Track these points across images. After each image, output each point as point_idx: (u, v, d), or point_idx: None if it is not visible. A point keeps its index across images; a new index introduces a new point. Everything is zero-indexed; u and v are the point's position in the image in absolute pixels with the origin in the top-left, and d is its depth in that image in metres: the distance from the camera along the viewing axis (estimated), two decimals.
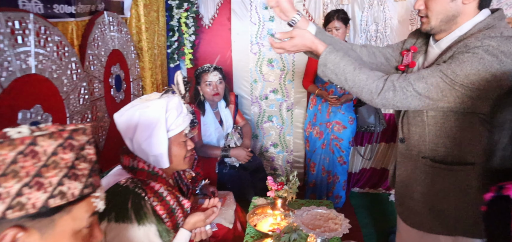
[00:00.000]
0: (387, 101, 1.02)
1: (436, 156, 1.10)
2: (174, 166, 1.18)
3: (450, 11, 1.01)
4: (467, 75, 0.93)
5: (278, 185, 1.79)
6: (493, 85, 0.92)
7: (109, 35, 1.82)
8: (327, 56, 1.07)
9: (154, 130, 1.07)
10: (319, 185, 2.76)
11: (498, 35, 0.93)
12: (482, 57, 0.92)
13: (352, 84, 1.05)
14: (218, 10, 2.91)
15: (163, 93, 1.15)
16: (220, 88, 2.42)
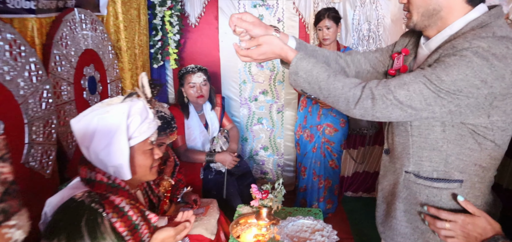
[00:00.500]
0: (365, 111, 0.90)
1: (420, 171, 0.99)
2: (138, 177, 1.07)
3: (430, 5, 0.91)
4: (454, 81, 0.81)
5: (262, 193, 1.68)
6: (484, 93, 0.81)
7: (81, 34, 1.70)
8: (298, 63, 0.96)
9: (113, 138, 0.95)
10: (310, 190, 2.66)
11: (490, 36, 0.81)
12: (471, 60, 0.80)
13: (327, 94, 0.94)
14: (205, 9, 2.79)
15: (126, 97, 1.03)
16: (204, 90, 2.30)
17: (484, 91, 0.81)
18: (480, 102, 0.83)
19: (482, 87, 0.81)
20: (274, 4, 2.78)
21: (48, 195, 1.02)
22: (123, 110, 0.98)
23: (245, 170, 2.45)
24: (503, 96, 0.83)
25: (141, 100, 1.05)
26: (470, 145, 0.91)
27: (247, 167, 2.50)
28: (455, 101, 0.83)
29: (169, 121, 1.67)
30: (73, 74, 1.61)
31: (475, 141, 0.91)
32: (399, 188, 1.05)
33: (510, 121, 0.89)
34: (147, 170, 1.07)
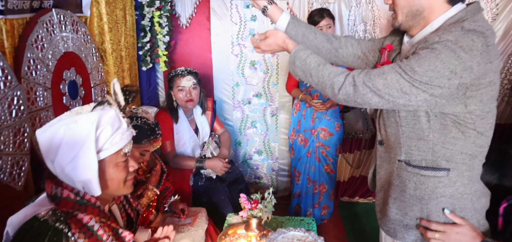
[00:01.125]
0: (348, 96, 0.99)
1: (410, 160, 1.06)
2: (111, 191, 0.98)
3: (414, 6, 0.97)
4: (426, 71, 0.87)
5: (252, 203, 1.60)
6: (455, 83, 0.88)
7: (60, 36, 1.61)
8: (295, 54, 1.09)
9: (80, 150, 0.87)
10: (305, 196, 2.57)
11: (458, 29, 0.87)
12: (440, 52, 0.86)
13: (317, 81, 1.04)
14: (196, 9, 2.71)
15: (96, 105, 0.95)
16: (194, 94, 2.22)
17: (454, 81, 0.87)
18: (453, 92, 0.89)
19: (452, 78, 0.86)
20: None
21: (20, 209, 0.93)
22: (92, 120, 0.89)
23: (237, 176, 2.37)
24: (475, 86, 0.89)
25: (113, 108, 0.96)
26: (454, 134, 0.97)
27: (239, 172, 2.41)
28: (429, 90, 0.89)
29: (153, 128, 1.58)
30: (50, 78, 1.52)
31: (458, 130, 0.96)
32: (393, 176, 1.12)
33: (489, 110, 0.94)
34: (121, 184, 0.98)
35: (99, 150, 0.91)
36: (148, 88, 2.62)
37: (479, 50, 0.85)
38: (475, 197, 1.02)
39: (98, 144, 0.90)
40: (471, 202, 1.02)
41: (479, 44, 0.85)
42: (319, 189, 2.57)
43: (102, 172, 0.93)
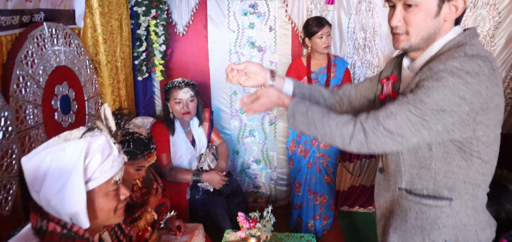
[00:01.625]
0: (360, 145, 0.92)
1: (412, 189, 1.02)
2: (100, 222, 0.93)
3: (431, 29, 0.92)
4: (436, 102, 0.84)
5: (250, 222, 1.55)
6: (465, 109, 0.84)
7: (52, 50, 1.56)
8: (294, 108, 1.02)
9: (67, 182, 0.82)
10: (306, 207, 2.53)
11: (462, 55, 0.85)
12: (447, 80, 0.83)
13: (323, 132, 0.97)
14: (193, 17, 2.66)
15: (86, 132, 0.90)
16: (191, 107, 2.17)
17: (465, 108, 0.84)
18: (464, 118, 0.86)
19: (462, 104, 0.84)
20: (266, 12, 2.66)
21: (5, 237, 0.88)
22: (80, 147, 0.84)
23: (235, 188, 2.32)
24: (484, 110, 0.86)
25: (104, 134, 0.91)
26: (457, 162, 0.93)
27: (237, 185, 2.37)
28: (440, 121, 0.85)
29: (146, 143, 1.53)
30: (41, 95, 1.47)
31: (462, 158, 0.93)
32: (394, 205, 1.08)
33: (494, 136, 0.91)
34: (111, 213, 0.93)
35: (88, 180, 0.86)
36: (144, 98, 2.58)
37: (486, 74, 0.83)
38: (480, 228, 0.98)
39: (87, 174, 0.86)
40: (475, 234, 0.97)
41: (485, 68, 0.83)
42: (320, 200, 2.52)
43: (91, 203, 0.88)
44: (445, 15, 0.90)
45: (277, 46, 2.71)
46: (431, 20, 0.90)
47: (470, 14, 2.45)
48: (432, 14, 0.90)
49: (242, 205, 2.29)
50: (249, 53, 2.74)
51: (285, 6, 2.62)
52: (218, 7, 2.64)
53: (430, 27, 0.91)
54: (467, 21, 2.47)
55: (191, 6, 2.63)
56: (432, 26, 0.91)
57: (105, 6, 1.95)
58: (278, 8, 2.64)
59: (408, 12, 0.91)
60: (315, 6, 2.59)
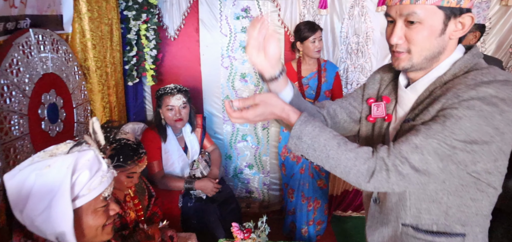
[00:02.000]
0: (380, 184, 0.80)
1: (419, 224, 0.91)
2: (88, 239, 0.90)
3: (436, 48, 0.83)
4: (468, 133, 0.75)
5: (244, 232, 1.52)
6: (496, 139, 0.76)
7: (38, 57, 1.51)
8: (302, 128, 0.84)
9: (52, 200, 0.79)
10: (299, 213, 2.51)
11: (492, 79, 0.77)
12: (481, 109, 0.74)
13: (336, 164, 0.82)
14: (185, 20, 2.63)
15: (73, 146, 0.86)
16: (183, 113, 2.13)
17: (497, 139, 0.76)
18: (493, 149, 0.78)
19: (495, 135, 0.76)
20: (258, 16, 2.63)
21: None
22: (67, 164, 0.81)
23: (228, 195, 2.29)
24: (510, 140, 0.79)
25: (92, 149, 0.88)
26: (472, 195, 0.85)
27: (230, 191, 2.34)
28: (470, 154, 0.77)
29: (135, 148, 1.50)
30: (27, 104, 1.43)
31: (477, 190, 0.85)
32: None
33: (506, 163, 0.84)
34: (99, 231, 0.90)
35: (75, 198, 0.83)
36: (135, 103, 2.53)
37: None
38: None
39: (74, 191, 0.82)
40: None
41: None
42: (313, 205, 2.51)
43: (79, 221, 0.85)
44: (450, 33, 0.82)
45: None
46: (435, 38, 0.82)
47: None
48: (437, 32, 0.81)
49: (235, 212, 2.26)
50: (241, 57, 2.72)
51: (277, 10, 2.61)
52: (210, 11, 2.61)
53: (435, 46, 0.83)
54: None
55: (182, 10, 2.59)
56: (436, 45, 0.83)
57: (95, 11, 1.90)
58: (271, 12, 2.62)
59: (410, 29, 0.82)
60: (308, 11, 2.58)
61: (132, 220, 1.59)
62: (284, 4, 2.58)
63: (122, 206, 1.55)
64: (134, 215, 1.62)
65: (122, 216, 1.53)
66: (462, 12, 0.81)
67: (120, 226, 1.52)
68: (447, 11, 0.80)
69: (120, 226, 1.52)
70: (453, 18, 0.81)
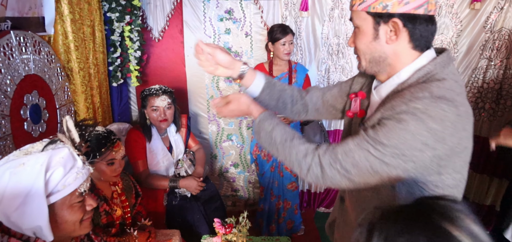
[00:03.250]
0: (317, 179, 0.86)
1: None
2: (66, 234, 0.94)
3: (375, 52, 0.87)
4: (396, 145, 0.76)
5: (226, 227, 1.58)
6: (428, 155, 0.76)
7: (20, 59, 1.54)
8: (260, 124, 0.98)
9: (26, 197, 0.83)
10: (267, 210, 2.57)
11: (427, 96, 0.76)
12: (408, 123, 0.75)
13: (283, 158, 0.93)
14: (169, 22, 2.67)
15: (47, 144, 0.91)
16: (168, 114, 2.17)
17: (428, 153, 0.76)
18: (427, 164, 0.78)
19: (425, 150, 0.76)
20: (241, 18, 2.70)
21: None
22: (41, 161, 0.85)
23: (212, 194, 2.34)
24: (449, 156, 0.78)
25: (66, 146, 0.92)
26: None
27: (215, 190, 2.39)
28: (401, 165, 0.77)
29: (106, 135, 1.55)
30: (9, 105, 1.45)
31: (425, 195, 0.84)
32: None
33: (460, 177, 0.84)
34: (76, 225, 0.94)
35: (50, 194, 0.87)
36: (120, 104, 2.56)
37: (451, 120, 0.74)
38: None
39: (48, 188, 0.86)
40: None
41: (450, 114, 0.74)
42: (283, 205, 2.57)
43: (54, 216, 0.89)
44: (386, 39, 0.84)
45: (253, 51, 2.75)
46: (371, 43, 0.86)
47: None
48: (370, 37, 0.86)
49: (219, 210, 2.31)
50: None
51: (260, 12, 2.67)
52: (194, 12, 2.66)
53: (374, 51, 0.87)
54: None
55: (166, 12, 2.63)
56: (374, 50, 0.86)
57: (76, 13, 1.93)
58: (254, 14, 2.68)
59: (355, 34, 0.91)
60: (290, 13, 2.65)
61: (118, 217, 1.63)
62: (266, 6, 2.65)
63: (109, 202, 1.59)
64: (120, 212, 1.66)
65: (109, 213, 1.57)
66: (390, 17, 0.82)
67: (107, 223, 1.56)
68: (375, 17, 0.83)
69: (106, 222, 1.56)
70: (382, 23, 0.83)
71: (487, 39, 2.51)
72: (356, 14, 0.87)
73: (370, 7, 0.83)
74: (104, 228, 1.53)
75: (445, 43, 2.61)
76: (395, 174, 0.79)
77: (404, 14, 0.81)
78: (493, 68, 2.55)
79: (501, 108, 2.57)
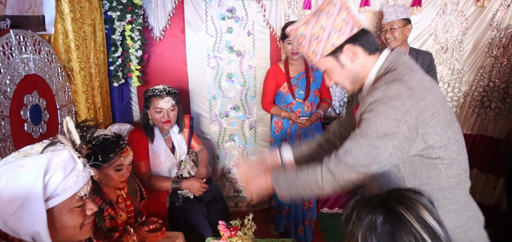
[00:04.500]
0: (331, 183, 1.01)
1: None
2: (66, 239, 0.91)
3: (349, 75, 1.06)
4: (377, 129, 0.95)
5: (231, 230, 1.54)
6: (404, 127, 0.93)
7: (20, 58, 1.51)
8: (275, 177, 1.13)
9: (24, 201, 0.80)
10: (294, 213, 2.54)
11: (382, 84, 0.96)
12: (377, 110, 0.95)
13: (302, 186, 1.06)
14: (170, 21, 2.64)
15: (47, 146, 0.88)
16: (172, 116, 2.14)
17: (403, 126, 0.93)
18: (407, 135, 0.94)
19: (399, 124, 0.93)
20: (244, 17, 2.67)
21: None
22: (40, 163, 0.82)
23: (215, 195, 2.31)
24: (421, 123, 0.93)
25: (67, 148, 0.89)
26: (426, 173, 0.99)
27: (218, 191, 2.36)
28: (388, 143, 0.94)
29: (115, 140, 1.51)
30: (8, 105, 1.43)
31: (428, 168, 0.98)
32: None
33: (447, 138, 0.96)
34: (76, 230, 0.91)
35: (49, 198, 0.84)
36: (121, 104, 2.53)
37: (405, 94, 0.92)
38: (467, 227, 1.00)
39: (47, 191, 0.83)
40: (465, 234, 1.00)
41: (402, 90, 0.93)
42: (308, 205, 2.55)
43: (53, 220, 0.85)
44: (350, 61, 1.04)
45: (256, 50, 2.72)
46: (341, 72, 1.05)
47: (439, 20, 2.54)
48: (338, 68, 1.05)
49: (222, 211, 2.28)
50: (227, 57, 2.74)
51: (263, 10, 2.64)
52: (196, 11, 2.63)
53: (348, 74, 1.06)
54: (437, 27, 2.56)
55: (167, 11, 2.60)
56: (347, 74, 1.06)
57: (77, 12, 1.91)
58: (256, 12, 2.65)
59: (328, 75, 1.10)
60: (293, 11, 2.61)
61: (123, 222, 1.59)
62: (269, 5, 2.61)
63: (114, 207, 1.56)
64: (125, 216, 1.63)
65: (113, 217, 1.54)
66: (342, 47, 1.02)
67: (110, 227, 1.53)
68: (331, 55, 1.04)
69: (110, 227, 1.53)
70: (339, 54, 1.03)
71: (493, 37, 2.47)
72: (318, 63, 1.07)
73: (324, 52, 1.03)
74: (107, 232, 1.49)
75: (450, 41, 2.57)
76: (388, 153, 0.95)
77: (348, 39, 1.02)
78: (500, 66, 2.51)
79: (507, 107, 2.54)
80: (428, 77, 1.00)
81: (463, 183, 1.01)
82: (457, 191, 0.99)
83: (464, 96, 2.67)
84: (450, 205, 0.99)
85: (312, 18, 1.04)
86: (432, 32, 2.57)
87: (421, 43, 2.59)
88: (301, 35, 1.05)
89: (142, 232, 1.61)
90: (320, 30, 1.02)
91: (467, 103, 2.67)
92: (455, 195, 0.99)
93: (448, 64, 2.63)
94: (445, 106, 0.97)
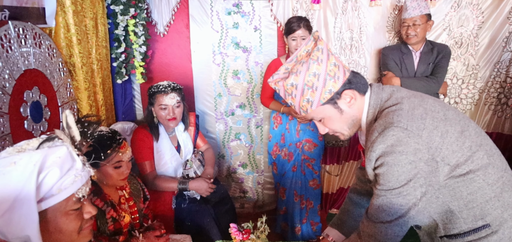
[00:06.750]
0: (379, 238, 0.98)
1: (449, 231, 1.01)
2: None
3: (348, 120, 1.04)
4: (398, 180, 0.92)
5: (243, 233, 1.46)
6: (421, 165, 0.90)
7: (19, 52, 1.44)
8: None
9: (15, 202, 0.71)
10: (291, 212, 2.46)
11: (377, 135, 0.94)
12: (387, 162, 0.92)
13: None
14: (174, 16, 2.57)
15: (43, 142, 0.80)
16: (177, 113, 2.06)
17: (420, 164, 0.90)
18: (428, 169, 0.91)
19: (416, 165, 0.90)
20: (250, 11, 2.59)
21: None
22: (34, 161, 0.74)
23: (223, 195, 2.22)
24: (433, 153, 0.90)
25: (65, 145, 0.82)
26: (466, 191, 0.94)
27: (225, 191, 2.27)
28: (415, 185, 0.91)
29: (111, 136, 1.44)
30: (7, 102, 1.36)
31: (465, 185, 0.94)
32: None
33: (467, 150, 0.93)
34: (74, 235, 0.83)
35: (43, 198, 0.76)
36: (124, 102, 2.46)
37: (403, 136, 0.90)
38: None
39: (41, 191, 0.75)
40: None
41: (398, 133, 0.90)
42: (306, 205, 2.47)
43: (46, 224, 0.77)
44: (349, 106, 1.01)
45: (263, 46, 2.64)
46: (340, 118, 1.02)
47: (454, 14, 2.45)
48: (337, 115, 1.02)
49: (230, 212, 2.20)
50: (233, 53, 2.67)
51: (270, 5, 2.56)
52: (201, 6, 2.56)
53: (346, 120, 1.03)
54: (451, 21, 2.47)
55: (171, 5, 2.53)
56: (346, 119, 1.03)
57: (78, 4, 1.84)
58: (263, 7, 2.57)
59: (324, 123, 1.06)
60: (301, 6, 2.53)
61: (126, 224, 1.52)
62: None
63: (116, 208, 1.49)
64: (129, 218, 1.55)
65: (116, 219, 1.47)
66: (340, 92, 0.99)
67: (114, 231, 1.46)
68: (330, 102, 1.00)
69: (113, 230, 1.46)
70: (337, 100, 1.00)
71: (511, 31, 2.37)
72: (313, 113, 1.03)
73: (321, 100, 0.99)
74: (111, 236, 1.42)
75: (465, 36, 2.48)
76: (419, 194, 0.92)
77: (343, 84, 0.99)
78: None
79: None
80: (416, 99, 0.97)
81: (508, 183, 0.95)
82: (505, 196, 0.94)
83: (479, 92, 2.57)
84: (504, 213, 0.94)
85: (299, 67, 0.98)
86: (446, 27, 2.48)
87: (434, 38, 2.49)
88: (292, 85, 0.99)
89: (153, 239, 1.53)
90: (314, 78, 0.97)
91: (482, 100, 2.57)
92: (505, 200, 0.94)
93: (462, 59, 2.53)
94: (447, 118, 0.94)
